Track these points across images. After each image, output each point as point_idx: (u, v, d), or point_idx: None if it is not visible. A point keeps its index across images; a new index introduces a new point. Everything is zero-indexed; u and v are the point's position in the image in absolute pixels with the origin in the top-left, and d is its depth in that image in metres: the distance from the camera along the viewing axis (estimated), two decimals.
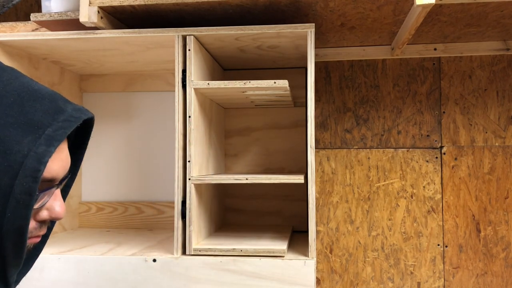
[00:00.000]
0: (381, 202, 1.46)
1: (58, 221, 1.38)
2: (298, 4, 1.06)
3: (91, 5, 1.04)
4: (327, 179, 1.48)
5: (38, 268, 1.07)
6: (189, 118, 1.06)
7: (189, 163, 1.06)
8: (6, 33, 1.22)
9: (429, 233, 1.44)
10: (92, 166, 1.52)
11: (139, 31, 1.08)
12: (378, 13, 1.12)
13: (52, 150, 0.56)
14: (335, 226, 1.47)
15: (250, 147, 1.47)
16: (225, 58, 1.33)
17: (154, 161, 1.50)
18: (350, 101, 1.49)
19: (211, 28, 1.07)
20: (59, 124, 0.57)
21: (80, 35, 1.09)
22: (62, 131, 0.57)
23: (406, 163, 1.46)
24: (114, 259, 1.06)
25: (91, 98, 1.54)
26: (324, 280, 1.47)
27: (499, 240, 1.42)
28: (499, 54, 1.44)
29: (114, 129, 1.52)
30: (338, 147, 1.48)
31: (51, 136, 0.56)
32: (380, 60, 1.48)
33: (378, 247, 1.45)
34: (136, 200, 1.50)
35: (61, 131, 0.57)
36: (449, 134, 1.45)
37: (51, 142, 0.56)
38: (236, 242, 1.10)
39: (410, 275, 1.44)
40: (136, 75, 1.51)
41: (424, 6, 0.93)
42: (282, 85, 1.04)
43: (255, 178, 1.05)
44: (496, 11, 1.13)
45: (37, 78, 1.28)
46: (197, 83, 1.06)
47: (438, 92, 1.46)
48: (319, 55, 1.47)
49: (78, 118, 0.60)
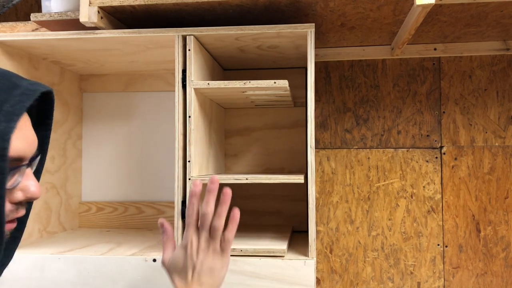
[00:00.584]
0: (381, 202, 1.46)
1: (58, 221, 1.39)
2: (298, 4, 1.06)
3: (91, 5, 1.04)
4: (327, 179, 1.48)
5: (38, 268, 1.07)
6: (189, 118, 1.06)
7: (189, 163, 1.06)
8: (6, 33, 1.22)
9: (429, 233, 1.44)
10: (92, 166, 1.52)
11: (139, 31, 1.08)
12: (378, 13, 1.12)
13: (13, 126, 0.55)
14: (335, 226, 1.47)
15: (250, 147, 1.47)
16: (225, 58, 1.33)
17: (154, 161, 1.50)
18: (350, 101, 1.49)
19: (211, 28, 1.07)
20: (16, 99, 0.57)
21: (80, 35, 1.09)
22: (21, 105, 0.57)
23: (406, 163, 1.46)
24: (114, 259, 1.06)
25: (91, 98, 1.54)
26: (324, 280, 1.47)
27: (499, 240, 1.42)
28: (499, 54, 1.44)
29: (114, 129, 1.52)
30: (338, 147, 1.48)
31: (9, 112, 0.55)
32: (380, 60, 1.48)
33: (378, 247, 1.45)
34: (136, 200, 1.50)
35: (19, 105, 0.56)
36: (449, 134, 1.45)
37: (10, 117, 0.55)
38: (236, 242, 1.10)
39: (410, 275, 1.44)
40: (136, 75, 1.51)
41: (424, 6, 0.93)
42: (282, 85, 1.04)
43: (255, 178, 1.05)
44: (496, 11, 1.13)
45: (37, 78, 1.28)
46: (197, 83, 1.07)
47: (438, 92, 1.46)
48: (319, 55, 1.47)
49: (35, 91, 0.59)
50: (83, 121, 1.53)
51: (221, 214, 0.80)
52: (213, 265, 0.79)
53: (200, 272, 0.79)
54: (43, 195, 1.31)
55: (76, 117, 1.49)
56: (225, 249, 0.80)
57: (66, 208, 1.44)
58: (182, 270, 0.80)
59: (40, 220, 1.30)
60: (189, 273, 0.79)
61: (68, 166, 1.45)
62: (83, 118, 1.54)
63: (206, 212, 0.79)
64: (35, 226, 1.27)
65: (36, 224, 1.28)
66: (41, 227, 1.30)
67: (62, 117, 1.41)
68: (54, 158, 1.36)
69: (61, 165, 1.41)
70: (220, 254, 0.80)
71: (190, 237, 0.80)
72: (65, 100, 1.43)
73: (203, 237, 0.80)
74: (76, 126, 1.50)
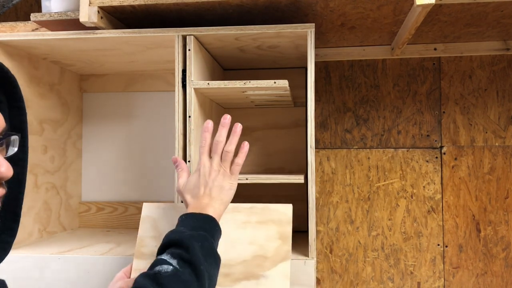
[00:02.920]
0: (381, 202, 1.46)
1: (58, 221, 1.39)
2: (298, 4, 1.06)
3: (91, 5, 1.04)
4: (327, 179, 1.48)
5: (38, 268, 1.07)
6: (189, 118, 1.06)
7: (189, 163, 1.06)
8: (6, 33, 1.22)
9: (429, 233, 1.44)
10: (92, 166, 1.52)
11: (139, 31, 1.08)
12: (378, 13, 1.12)
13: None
14: (335, 226, 1.47)
15: (250, 147, 1.47)
16: (225, 58, 1.33)
17: (154, 161, 1.50)
18: (350, 101, 1.49)
19: (211, 28, 1.07)
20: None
21: (80, 35, 1.09)
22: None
23: (406, 163, 1.46)
24: (114, 259, 1.06)
25: (91, 98, 1.54)
26: (324, 280, 1.47)
27: (499, 240, 1.42)
28: (499, 54, 1.44)
29: (114, 129, 1.52)
30: (338, 147, 1.48)
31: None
32: (380, 60, 1.48)
33: (378, 247, 1.45)
34: (136, 200, 1.50)
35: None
36: (449, 134, 1.45)
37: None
38: None
39: (410, 275, 1.44)
40: (136, 75, 1.51)
41: (424, 6, 0.93)
42: (282, 85, 1.04)
43: (255, 178, 1.05)
44: (496, 11, 1.13)
45: (37, 78, 1.28)
46: (197, 83, 1.06)
47: (438, 92, 1.46)
48: (319, 55, 1.47)
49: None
50: (83, 121, 1.53)
51: (232, 142, 0.89)
52: (223, 184, 0.87)
53: (211, 187, 0.86)
54: (43, 195, 1.31)
55: (76, 117, 1.49)
56: (234, 172, 0.89)
57: (66, 208, 1.44)
58: (194, 188, 0.87)
59: (40, 220, 1.30)
60: (201, 189, 0.86)
61: (68, 166, 1.45)
62: (83, 118, 1.54)
63: (219, 140, 0.89)
64: (35, 226, 1.27)
65: (36, 224, 1.28)
66: (41, 227, 1.30)
67: (62, 117, 1.41)
68: (54, 158, 1.36)
69: (61, 165, 1.41)
70: (230, 176, 0.88)
71: (203, 161, 0.88)
72: (65, 100, 1.43)
73: (215, 160, 0.88)
74: (76, 126, 1.50)
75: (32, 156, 1.25)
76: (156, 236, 0.94)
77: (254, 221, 0.93)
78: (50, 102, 1.34)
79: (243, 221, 0.93)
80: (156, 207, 0.97)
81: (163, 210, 0.97)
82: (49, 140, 1.34)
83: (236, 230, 0.92)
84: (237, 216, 0.93)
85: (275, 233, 0.91)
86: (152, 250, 0.92)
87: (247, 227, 0.92)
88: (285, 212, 0.94)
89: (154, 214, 0.96)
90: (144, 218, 0.96)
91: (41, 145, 1.29)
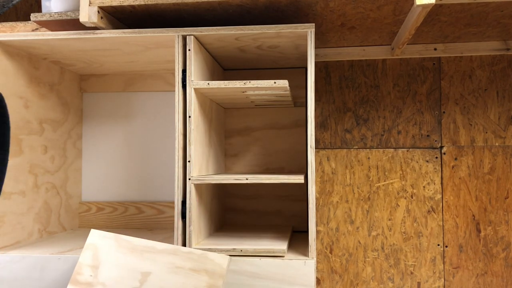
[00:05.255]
0: (381, 202, 1.46)
1: (58, 221, 1.39)
2: (298, 4, 1.06)
3: (91, 5, 1.04)
4: (327, 179, 1.48)
5: (38, 268, 1.07)
6: (189, 118, 1.06)
7: (189, 163, 1.06)
8: (6, 33, 1.22)
9: (429, 233, 1.44)
10: (92, 166, 1.52)
11: (139, 31, 1.08)
12: (378, 13, 1.12)
13: None
14: (335, 226, 1.47)
15: (250, 147, 1.47)
16: (225, 58, 1.33)
17: (154, 161, 1.50)
18: (350, 101, 1.49)
19: (211, 28, 1.07)
20: None
21: (80, 35, 1.09)
22: None
23: (406, 163, 1.46)
24: None
25: (91, 98, 1.54)
26: (324, 280, 1.47)
27: (499, 240, 1.42)
28: (499, 54, 1.44)
29: (114, 129, 1.52)
30: (338, 147, 1.48)
31: None
32: (380, 60, 1.48)
33: (378, 247, 1.45)
34: (136, 200, 1.50)
35: None
36: (449, 134, 1.45)
37: None
38: (236, 242, 1.10)
39: (410, 275, 1.44)
40: (136, 75, 1.51)
41: (424, 6, 0.93)
42: (282, 85, 1.04)
43: (255, 178, 1.05)
44: (496, 11, 1.13)
45: (37, 78, 1.28)
46: (197, 83, 1.07)
47: (438, 92, 1.46)
48: (319, 55, 1.47)
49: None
50: (83, 121, 1.53)
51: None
52: None
53: None
54: (43, 195, 1.31)
55: (76, 117, 1.50)
56: None
57: (66, 208, 1.44)
58: None
59: (40, 220, 1.30)
60: None
61: (68, 166, 1.45)
62: (83, 118, 1.54)
63: None
64: (35, 226, 1.27)
65: (36, 224, 1.28)
66: (41, 227, 1.30)
67: (62, 117, 1.41)
68: (54, 158, 1.36)
69: (61, 165, 1.41)
70: None
71: None
72: (65, 100, 1.43)
73: None
74: (76, 126, 1.50)
75: (32, 156, 1.25)
76: (93, 266, 0.94)
77: (188, 268, 0.92)
78: (50, 102, 1.34)
79: (177, 266, 0.93)
80: (101, 237, 0.97)
81: (107, 241, 0.97)
82: (49, 140, 1.34)
83: (168, 274, 0.92)
84: (174, 259, 0.93)
85: (205, 285, 0.91)
86: (87, 279, 0.92)
87: (179, 272, 0.92)
88: (221, 263, 0.94)
89: (98, 243, 0.97)
90: (87, 245, 0.97)
91: (41, 145, 1.29)
